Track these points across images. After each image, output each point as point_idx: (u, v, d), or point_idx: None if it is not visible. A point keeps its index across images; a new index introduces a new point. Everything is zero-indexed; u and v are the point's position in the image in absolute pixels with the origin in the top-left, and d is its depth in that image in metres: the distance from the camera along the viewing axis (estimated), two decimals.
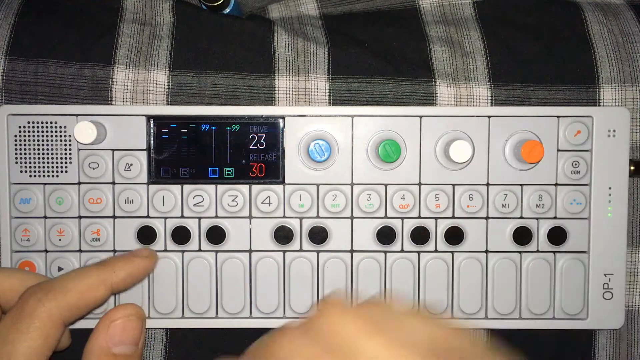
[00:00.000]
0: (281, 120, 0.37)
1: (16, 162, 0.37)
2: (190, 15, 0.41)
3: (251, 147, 0.37)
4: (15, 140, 0.37)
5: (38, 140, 0.37)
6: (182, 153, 0.37)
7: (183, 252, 0.38)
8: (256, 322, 0.38)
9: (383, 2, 0.43)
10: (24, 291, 0.29)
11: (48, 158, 0.37)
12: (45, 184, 0.37)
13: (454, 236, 0.38)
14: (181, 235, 0.37)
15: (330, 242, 0.38)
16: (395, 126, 0.37)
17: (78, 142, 0.36)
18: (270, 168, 0.37)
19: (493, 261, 0.38)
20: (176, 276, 0.38)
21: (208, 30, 0.40)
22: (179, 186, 0.37)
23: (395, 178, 0.38)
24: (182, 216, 0.38)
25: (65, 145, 0.37)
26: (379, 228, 0.38)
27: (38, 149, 0.37)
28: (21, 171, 0.37)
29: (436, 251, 0.38)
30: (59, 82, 0.38)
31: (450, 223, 0.38)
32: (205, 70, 0.39)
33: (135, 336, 0.30)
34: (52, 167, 0.37)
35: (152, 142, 0.37)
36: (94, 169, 0.37)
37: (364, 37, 0.40)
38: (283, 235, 0.38)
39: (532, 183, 0.38)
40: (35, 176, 0.37)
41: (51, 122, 0.37)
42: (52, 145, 0.37)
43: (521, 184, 0.38)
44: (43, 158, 0.37)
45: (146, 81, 0.38)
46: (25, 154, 0.37)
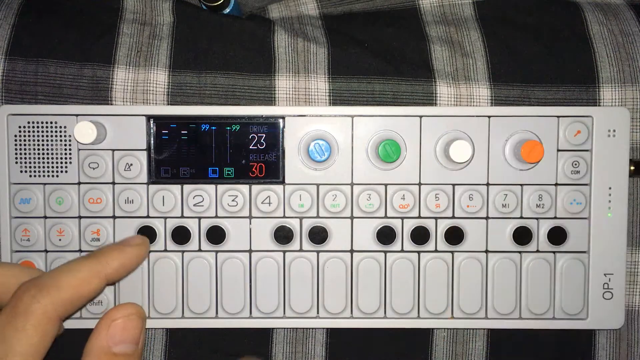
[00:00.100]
0: (281, 120, 0.37)
1: (16, 162, 0.37)
2: (190, 15, 0.41)
3: (251, 147, 0.37)
4: (15, 140, 0.37)
5: (38, 140, 0.37)
6: (182, 153, 0.37)
7: (183, 252, 0.38)
8: (256, 322, 0.38)
9: (383, 2, 0.43)
10: (17, 288, 0.29)
11: (48, 158, 0.37)
12: (45, 184, 0.37)
13: (454, 236, 0.38)
14: (181, 235, 0.38)
15: (330, 242, 0.38)
16: (395, 126, 0.37)
17: (78, 142, 0.36)
18: (270, 168, 0.37)
19: (493, 261, 0.38)
20: (176, 276, 0.38)
21: (208, 30, 0.40)
22: (179, 186, 0.37)
23: (395, 178, 0.38)
24: (182, 216, 0.38)
25: (65, 145, 0.37)
26: (379, 228, 0.38)
27: (38, 149, 0.37)
28: (21, 171, 0.37)
29: (436, 251, 0.38)
30: (59, 82, 0.38)
31: (450, 223, 0.38)
32: (205, 70, 0.39)
33: (135, 335, 0.30)
34: (52, 167, 0.37)
35: (152, 142, 0.37)
36: (94, 169, 0.37)
37: (364, 37, 0.40)
38: (283, 235, 0.38)
39: (532, 183, 0.38)
40: (35, 176, 0.37)
41: (51, 122, 0.37)
42: (52, 145, 0.37)
43: (521, 184, 0.38)
44: (43, 158, 0.37)
45: (146, 81, 0.38)
46: (25, 154, 0.37)
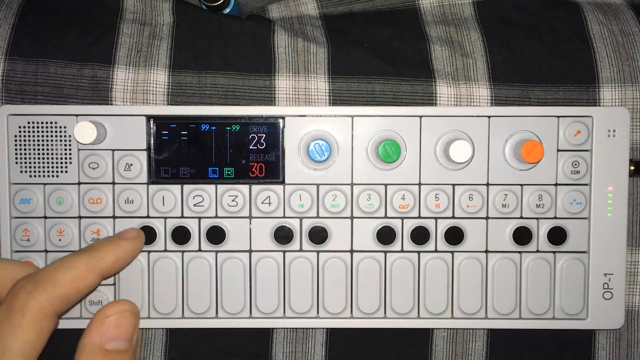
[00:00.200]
0: (281, 120, 0.37)
1: (16, 162, 0.37)
2: (190, 15, 0.41)
3: (251, 147, 0.37)
4: (15, 140, 0.37)
5: (38, 140, 0.37)
6: (182, 153, 0.37)
7: (183, 252, 0.38)
8: (256, 322, 0.38)
9: (383, 2, 0.43)
10: (13, 285, 0.29)
11: (48, 158, 0.37)
12: (45, 184, 0.37)
13: (454, 236, 0.38)
14: (181, 235, 0.37)
15: (330, 242, 0.38)
16: (395, 126, 0.37)
17: (78, 142, 0.36)
18: (270, 168, 0.37)
19: (493, 261, 0.38)
20: (176, 276, 0.38)
21: (208, 30, 0.40)
22: (179, 186, 0.37)
23: (395, 178, 0.38)
24: (182, 216, 0.38)
25: (65, 145, 0.37)
26: (379, 228, 0.38)
27: (38, 149, 0.37)
28: (21, 171, 0.37)
29: (436, 251, 0.38)
30: (59, 82, 0.38)
31: (450, 223, 0.38)
32: (205, 70, 0.39)
33: (128, 332, 0.29)
34: (52, 167, 0.37)
35: (152, 142, 0.37)
36: (94, 169, 0.37)
37: (364, 37, 0.40)
38: (283, 235, 0.38)
39: (532, 183, 0.38)
40: (35, 176, 0.37)
41: (51, 122, 0.37)
42: (52, 145, 0.37)
43: (521, 184, 0.38)
44: (43, 158, 0.37)
45: (146, 81, 0.38)
46: (25, 154, 0.37)
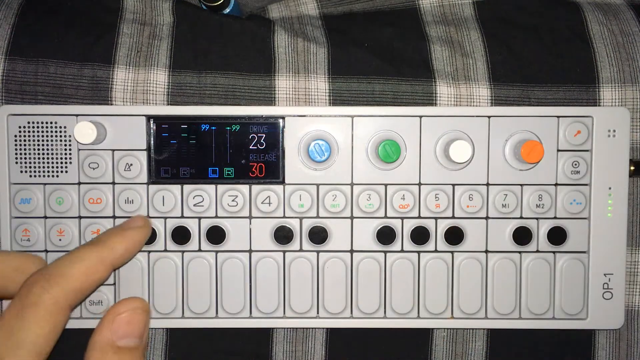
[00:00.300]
0: (281, 120, 0.37)
1: (16, 162, 0.37)
2: (190, 15, 0.41)
3: (251, 147, 0.37)
4: (15, 140, 0.37)
5: (38, 140, 0.37)
6: (182, 153, 0.37)
7: (183, 252, 0.38)
8: (256, 322, 0.38)
9: (383, 2, 0.43)
10: (26, 279, 0.29)
11: (48, 158, 0.37)
12: (45, 184, 0.37)
13: (454, 236, 0.38)
14: (181, 235, 0.38)
15: (330, 242, 0.38)
16: (395, 126, 0.37)
17: (78, 142, 0.36)
18: (270, 168, 0.37)
19: (493, 261, 0.38)
20: (176, 276, 0.38)
21: (208, 30, 0.40)
22: (179, 186, 0.37)
23: (395, 178, 0.38)
24: (182, 216, 0.38)
25: (65, 145, 0.37)
26: (379, 228, 0.38)
27: (38, 149, 0.37)
28: (21, 171, 0.37)
29: (436, 251, 0.38)
30: (59, 82, 0.38)
31: (450, 223, 0.38)
32: (205, 70, 0.39)
33: (140, 329, 0.30)
34: (52, 167, 0.37)
35: (152, 142, 0.37)
36: (94, 169, 0.37)
37: (364, 37, 0.40)
38: (283, 235, 0.38)
39: (532, 183, 0.38)
40: (35, 176, 0.37)
41: (51, 122, 0.37)
42: (52, 145, 0.37)
43: (521, 184, 0.38)
44: (43, 158, 0.37)
45: (146, 81, 0.38)
46: (25, 154, 0.37)
